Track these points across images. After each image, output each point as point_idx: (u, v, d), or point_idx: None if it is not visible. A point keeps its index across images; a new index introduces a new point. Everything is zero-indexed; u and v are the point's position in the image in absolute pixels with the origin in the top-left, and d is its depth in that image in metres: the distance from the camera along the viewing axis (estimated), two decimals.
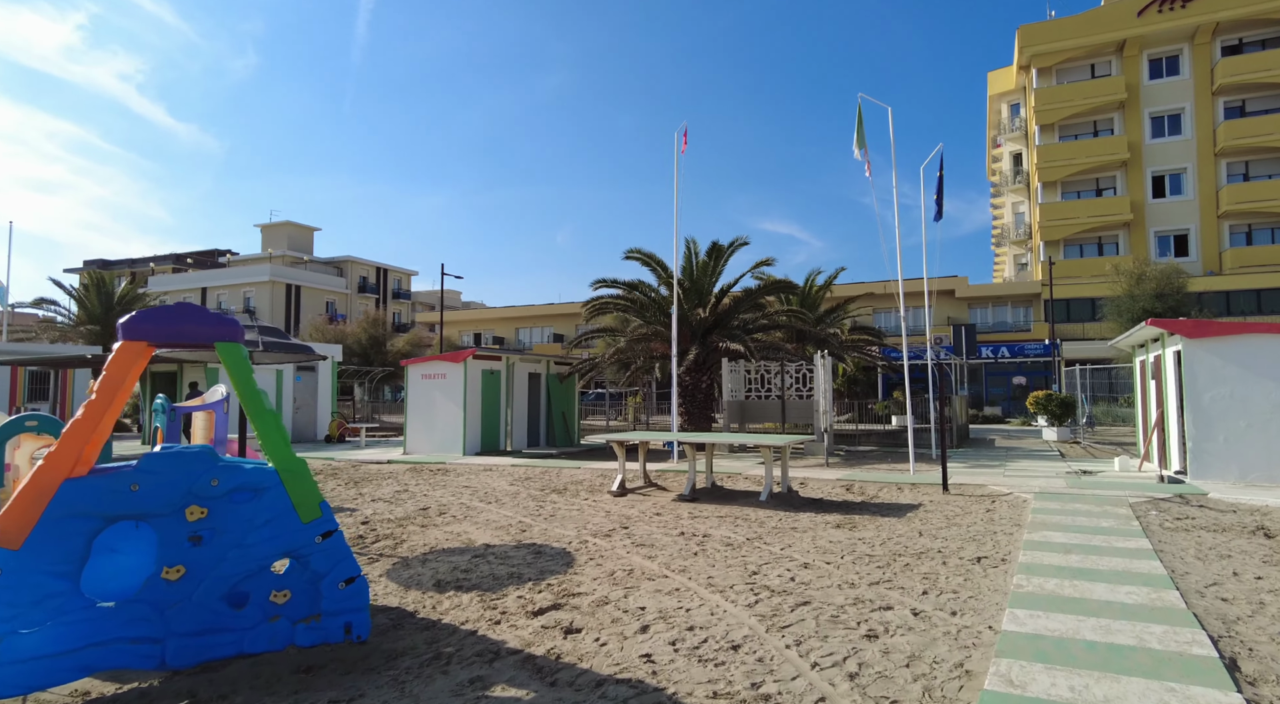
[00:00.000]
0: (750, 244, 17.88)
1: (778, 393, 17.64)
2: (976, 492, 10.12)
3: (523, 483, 11.80)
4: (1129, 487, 10.06)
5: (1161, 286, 24.67)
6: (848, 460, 14.93)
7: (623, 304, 17.95)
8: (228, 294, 63.54)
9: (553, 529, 7.69)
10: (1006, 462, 14.26)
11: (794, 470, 12.87)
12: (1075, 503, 8.87)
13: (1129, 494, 9.35)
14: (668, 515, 8.49)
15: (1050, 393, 20.67)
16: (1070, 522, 7.72)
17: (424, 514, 8.77)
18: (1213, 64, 38.60)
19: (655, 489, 10.77)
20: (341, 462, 15.53)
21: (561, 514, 8.67)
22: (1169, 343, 11.27)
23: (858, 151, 12.61)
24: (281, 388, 21.39)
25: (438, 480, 12.24)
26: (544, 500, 9.81)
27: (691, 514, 8.55)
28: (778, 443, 9.09)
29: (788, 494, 9.81)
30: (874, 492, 10.46)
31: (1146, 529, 7.30)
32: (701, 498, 9.77)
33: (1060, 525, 7.52)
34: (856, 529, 7.57)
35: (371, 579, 5.82)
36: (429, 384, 16.38)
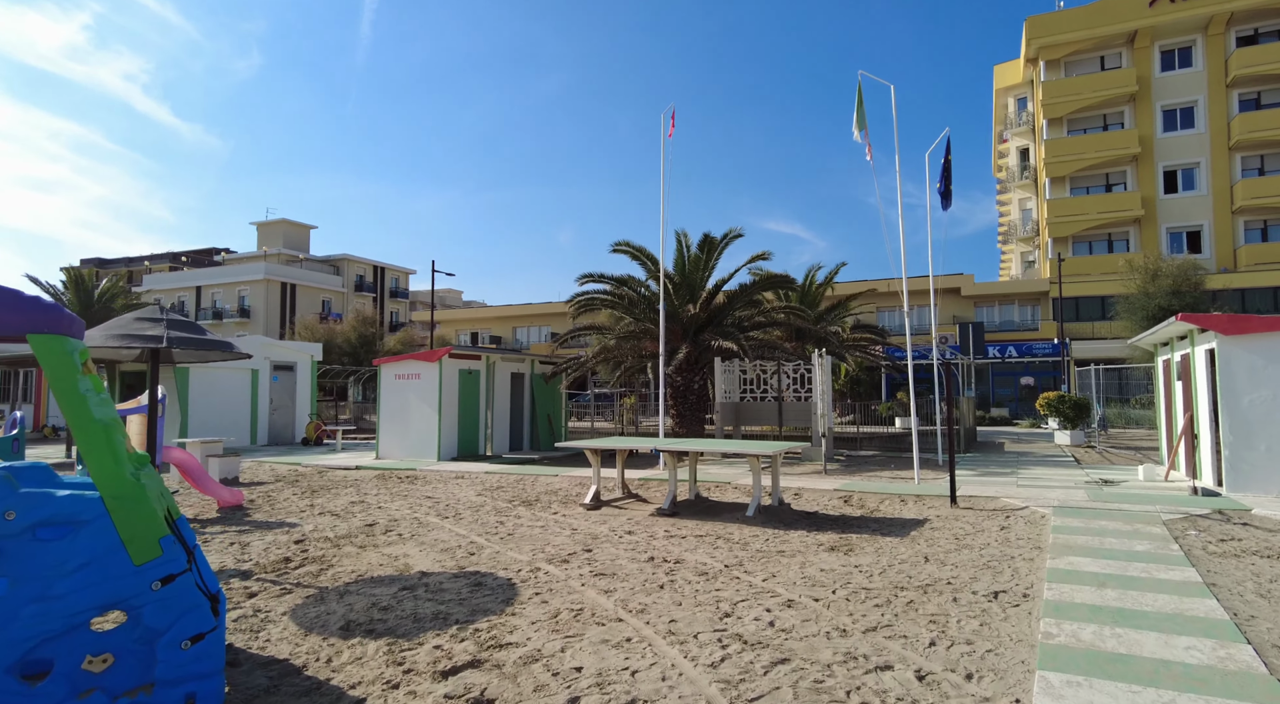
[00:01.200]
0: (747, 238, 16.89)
1: (774, 394, 16.66)
2: (988, 505, 9.13)
3: (492, 493, 10.85)
4: (1158, 500, 9.06)
5: (1178, 283, 23.60)
6: (848, 467, 13.95)
7: (610, 301, 16.97)
8: (222, 293, 62.75)
9: (505, 553, 6.73)
10: (1018, 468, 13.26)
11: (789, 479, 11.89)
12: (1101, 519, 7.88)
13: (1161, 509, 8.35)
14: (640, 534, 7.52)
15: (1063, 394, 19.64)
16: (1099, 544, 6.73)
17: (368, 532, 7.82)
18: (1227, 55, 37.47)
19: (634, 501, 9.81)
20: (308, 467, 14.61)
21: (522, 532, 7.71)
22: (1199, 340, 10.27)
23: (857, 133, 11.64)
24: (257, 388, 20.49)
25: (401, 490, 11.30)
26: (508, 515, 8.85)
27: (668, 533, 7.59)
28: (765, 451, 8.12)
29: (778, 508, 8.84)
30: (874, 504, 9.48)
31: (1189, 554, 6.31)
32: (683, 512, 8.81)
33: (1087, 549, 6.53)
34: (853, 552, 6.59)
35: (273, 618, 4.87)
36: (402, 385, 15.43)
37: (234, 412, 19.94)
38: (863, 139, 11.64)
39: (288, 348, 21.94)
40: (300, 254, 66.98)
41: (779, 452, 8.68)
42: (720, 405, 16.14)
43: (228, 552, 6.94)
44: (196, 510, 9.58)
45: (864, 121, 11.59)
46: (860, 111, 11.57)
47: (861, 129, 11.58)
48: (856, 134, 11.62)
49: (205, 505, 9.97)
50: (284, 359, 21.41)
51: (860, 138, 11.66)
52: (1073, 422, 19.04)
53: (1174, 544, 6.68)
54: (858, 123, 11.59)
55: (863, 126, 11.57)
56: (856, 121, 11.58)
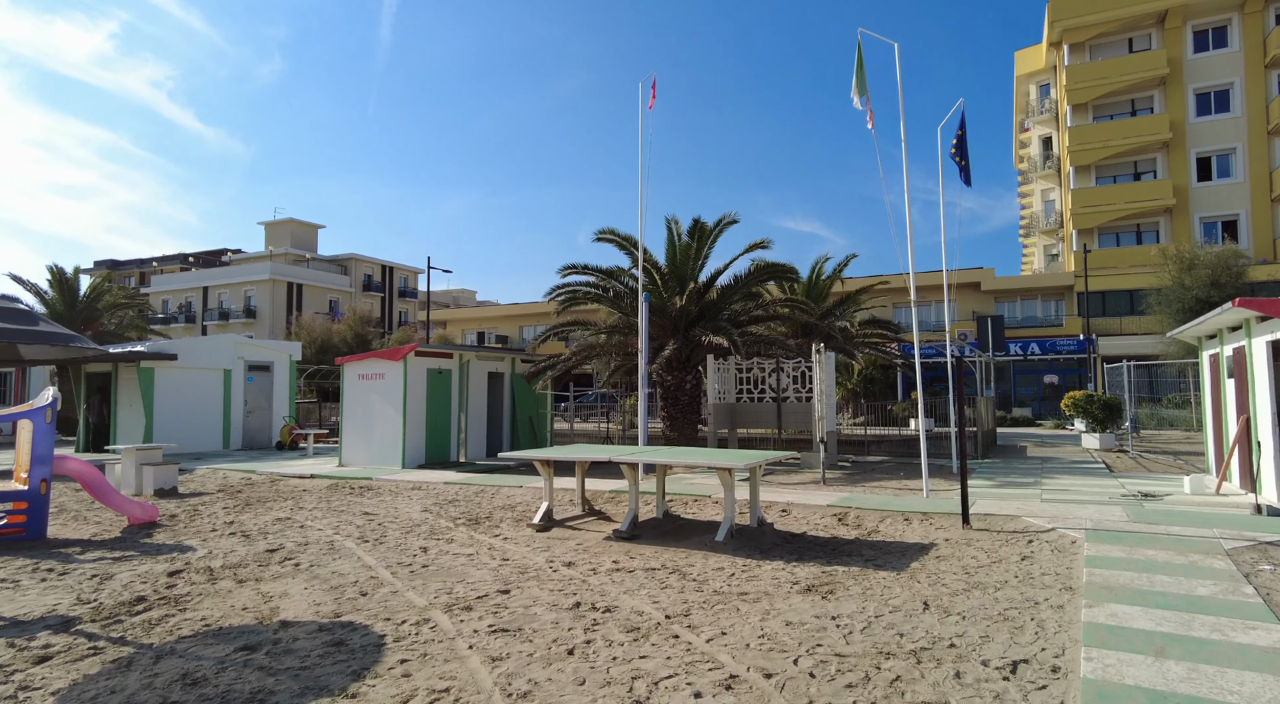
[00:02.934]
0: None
1: (774, 394, 15.28)
2: (1007, 525, 7.72)
3: (441, 508, 9.60)
4: (1215, 521, 7.60)
5: (1217, 273, 21.85)
6: (852, 475, 12.56)
7: (595, 293, 15.68)
8: (229, 293, 62.32)
9: (403, 594, 5.46)
10: (1042, 478, 11.79)
11: (781, 491, 10.53)
12: (1147, 548, 6.45)
13: (1220, 535, 6.90)
14: (582, 566, 6.22)
15: (1091, 393, 18.05)
16: (1147, 584, 5.33)
17: (263, 560, 6.59)
18: (1265, 34, 35.40)
19: (595, 519, 8.51)
20: (263, 475, 13.46)
21: (442, 563, 6.44)
22: (1258, 330, 8.77)
23: (857, 99, 10.25)
24: (230, 389, 19.45)
25: (342, 504, 10.08)
26: (441, 538, 7.59)
27: (615, 565, 6.28)
28: (738, 464, 6.78)
29: (758, 529, 7.50)
30: (873, 523, 8.10)
31: (1270, 602, 4.89)
32: (645, 535, 7.49)
33: (1133, 592, 5.13)
34: (835, 595, 5.25)
35: (36, 700, 3.64)
36: (366, 386, 14.25)
37: (204, 415, 18.91)
38: (863, 105, 10.24)
39: (264, 347, 20.90)
40: (307, 254, 66.40)
41: (757, 463, 7.34)
42: (714, 406, 14.80)
43: (78, 587, 5.74)
44: (97, 529, 8.42)
45: (864, 86, 10.20)
46: (860, 74, 10.19)
47: (861, 94, 10.19)
48: (856, 100, 10.23)
49: (115, 523, 8.82)
50: (260, 359, 20.35)
51: (860, 104, 10.27)
52: (1102, 424, 17.45)
53: (1246, 585, 5.26)
54: (857, 87, 10.21)
55: (863, 91, 10.18)
56: (856, 85, 10.20)
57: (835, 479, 11.92)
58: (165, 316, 64.62)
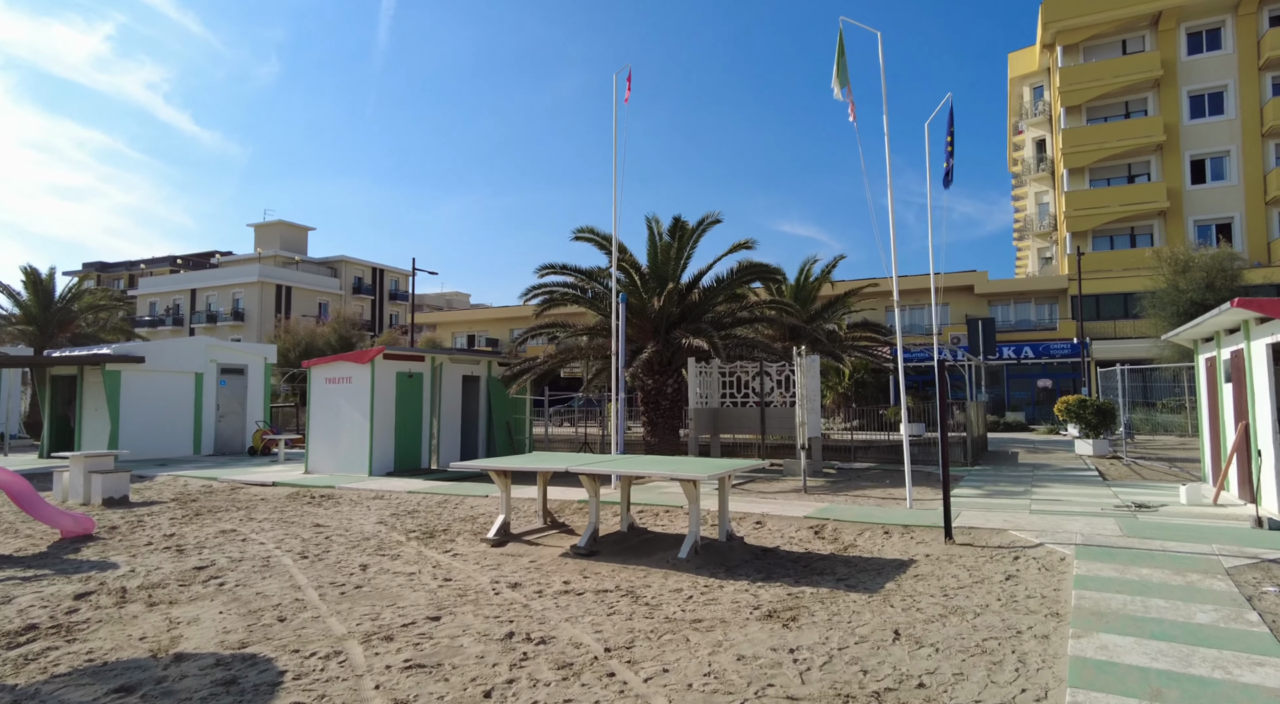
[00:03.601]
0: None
1: (757, 399, 14.80)
2: (992, 539, 7.24)
3: (398, 519, 9.09)
4: (1213, 535, 7.13)
5: (1212, 276, 21.44)
6: (835, 483, 12.08)
7: (573, 295, 15.18)
8: (217, 295, 61.66)
9: (324, 620, 4.95)
10: (1033, 486, 11.33)
11: (760, 501, 10.04)
12: (1141, 566, 5.97)
13: (1219, 551, 6.43)
14: (528, 588, 5.72)
15: (1084, 398, 17.61)
16: (1141, 609, 4.85)
17: (183, 580, 6.07)
18: (1259, 36, 35.13)
19: (556, 533, 8.00)
20: (223, 483, 12.93)
21: (378, 583, 5.93)
22: (1257, 332, 8.33)
23: (838, 89, 9.79)
24: (201, 393, 18.89)
25: (295, 515, 9.56)
26: (387, 553, 7.09)
27: (565, 586, 5.78)
28: (702, 474, 6.28)
29: (726, 544, 7.00)
30: (851, 537, 7.62)
31: (1276, 631, 4.41)
32: (606, 550, 6.99)
33: (1126, 619, 4.65)
34: (797, 622, 4.75)
35: None
36: (333, 389, 13.72)
37: (174, 419, 18.35)
38: (844, 96, 9.79)
39: (238, 350, 20.35)
40: (296, 256, 65.77)
41: (725, 473, 6.84)
42: (695, 411, 14.31)
43: None
44: (25, 543, 7.89)
45: (845, 76, 9.74)
46: (841, 63, 9.73)
47: (843, 85, 9.73)
48: (837, 90, 9.77)
49: (47, 536, 8.28)
50: (233, 362, 19.80)
51: (841, 95, 9.81)
52: (1095, 429, 17.01)
53: (1249, 610, 4.78)
54: (838, 77, 9.75)
55: (844, 82, 9.72)
56: (836, 75, 9.74)
57: (817, 488, 11.44)
58: (153, 319, 63.98)
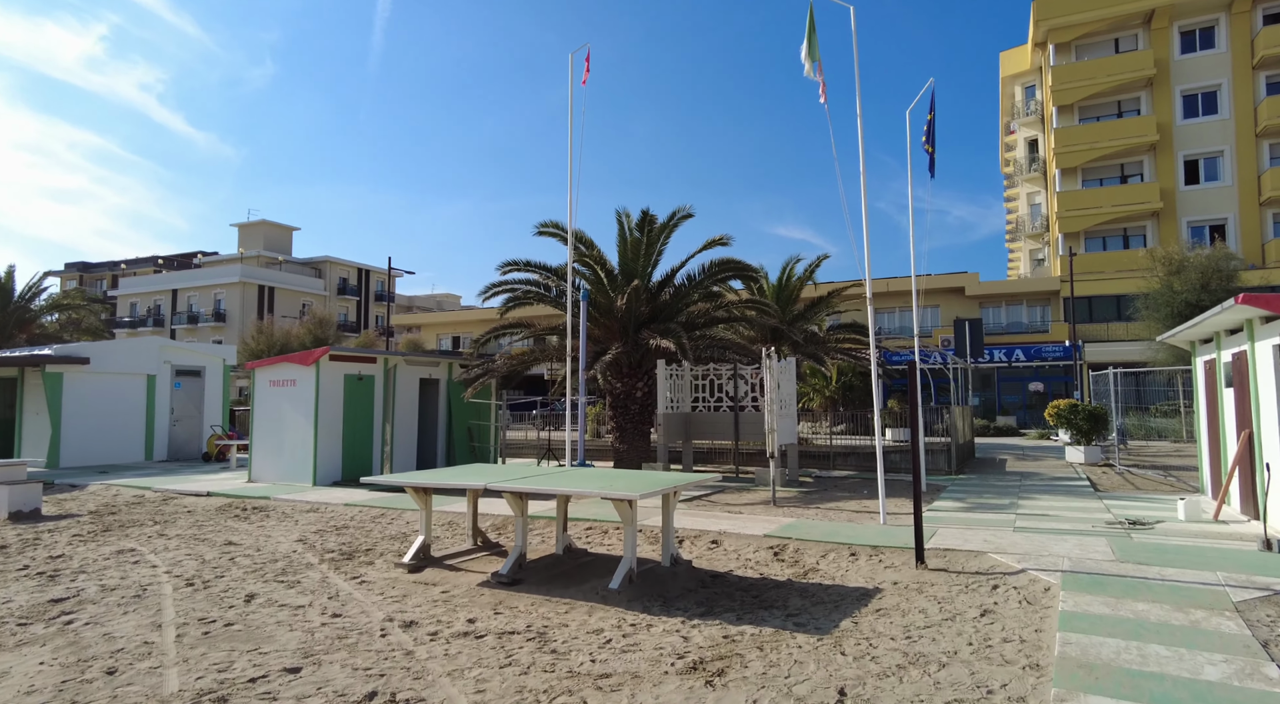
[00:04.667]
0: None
1: (730, 403, 14.01)
2: (969, 563, 6.45)
3: (323, 536, 8.26)
4: (1216, 559, 6.36)
5: (1208, 276, 20.77)
6: (809, 494, 11.29)
7: (537, 293, 14.36)
8: (198, 296, 60.62)
9: (161, 673, 4.13)
10: (1019, 498, 10.55)
11: (721, 516, 9.23)
12: (1137, 599, 5.19)
13: (1224, 580, 5.65)
14: (424, 628, 4.90)
15: (1075, 402, 16.87)
16: (1139, 660, 4.06)
17: (25, 617, 5.24)
18: (1253, 35, 34.58)
19: (488, 556, 7.18)
20: (156, 492, 12.06)
21: (253, 621, 5.10)
22: (1262, 332, 7.58)
23: (808, 66, 9.02)
24: (154, 397, 17.99)
25: (215, 530, 8.72)
26: (286, 580, 6.26)
27: (469, 625, 4.97)
28: (635, 493, 5.47)
29: (668, 570, 6.19)
30: (814, 559, 6.83)
31: None
32: (533, 578, 6.18)
33: (1120, 673, 3.86)
34: (724, 678, 3.95)
35: None
36: (277, 393, 12.87)
37: (124, 424, 17.45)
38: (815, 74, 9.02)
39: (193, 351, 19.46)
40: (280, 256, 64.77)
41: (669, 490, 6.05)
42: (664, 416, 13.50)
43: None
44: None
45: (816, 52, 8.98)
46: (811, 39, 8.96)
47: (813, 60, 8.97)
48: (808, 67, 9.01)
49: None
50: (189, 363, 18.91)
51: (812, 73, 9.04)
52: (1087, 435, 16.26)
53: (1267, 662, 4.00)
54: (808, 53, 8.98)
55: (814, 58, 8.96)
56: (807, 51, 8.97)
57: (789, 499, 10.64)
58: (133, 320, 62.90)
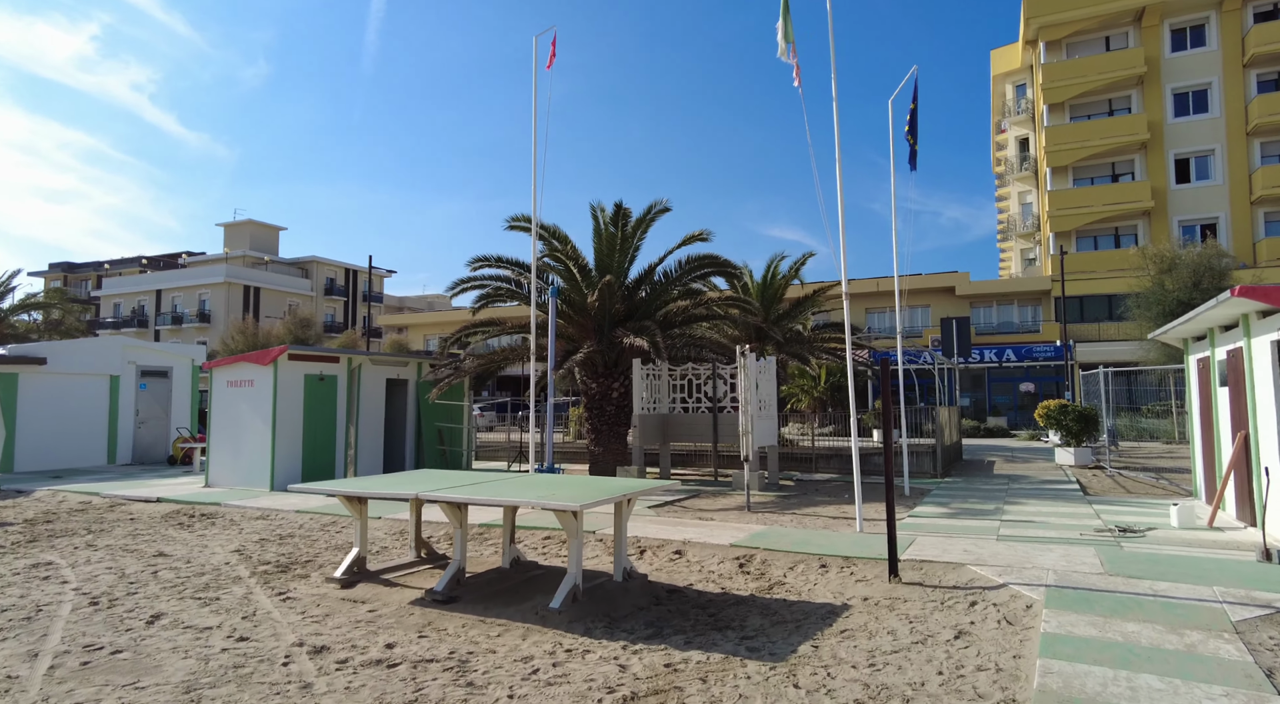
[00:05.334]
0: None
1: (708, 405, 13.53)
2: (947, 576, 5.98)
3: (263, 546, 7.74)
4: (1212, 571, 5.90)
5: (1199, 274, 20.40)
6: (787, 498, 10.80)
7: (508, 289, 13.84)
8: (183, 296, 59.82)
9: None
10: (1006, 502, 10.09)
11: (689, 524, 8.74)
12: (1126, 619, 4.72)
13: (1221, 595, 5.18)
14: (336, 654, 4.39)
15: (1065, 403, 16.46)
16: (1128, 692, 3.58)
17: None
18: (1244, 32, 34.34)
19: (430, 569, 6.66)
20: (104, 498, 11.49)
21: (144, 648, 4.58)
22: (1258, 328, 7.14)
23: (783, 46, 8.55)
24: (117, 398, 17.39)
25: (150, 539, 8.17)
26: (202, 597, 5.74)
27: (386, 650, 4.46)
28: (575, 504, 4.97)
29: (620, 586, 5.69)
30: (781, 571, 6.34)
31: None
32: (472, 595, 5.67)
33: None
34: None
35: None
36: (234, 394, 12.33)
37: (85, 426, 16.85)
38: (789, 56, 8.55)
39: (160, 351, 18.87)
40: (266, 256, 64.02)
41: (622, 497, 5.56)
42: (639, 418, 13.00)
43: None
44: None
45: (790, 33, 8.51)
46: (786, 20, 8.49)
47: (789, 42, 8.50)
48: (782, 47, 8.54)
49: None
50: (155, 364, 18.31)
51: (788, 55, 8.58)
52: (1077, 436, 15.84)
53: (1275, 696, 3.52)
54: (784, 34, 8.51)
55: (789, 38, 8.49)
56: (782, 31, 8.50)
57: (764, 504, 10.16)
58: (116, 321, 62.04)
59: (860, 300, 37.50)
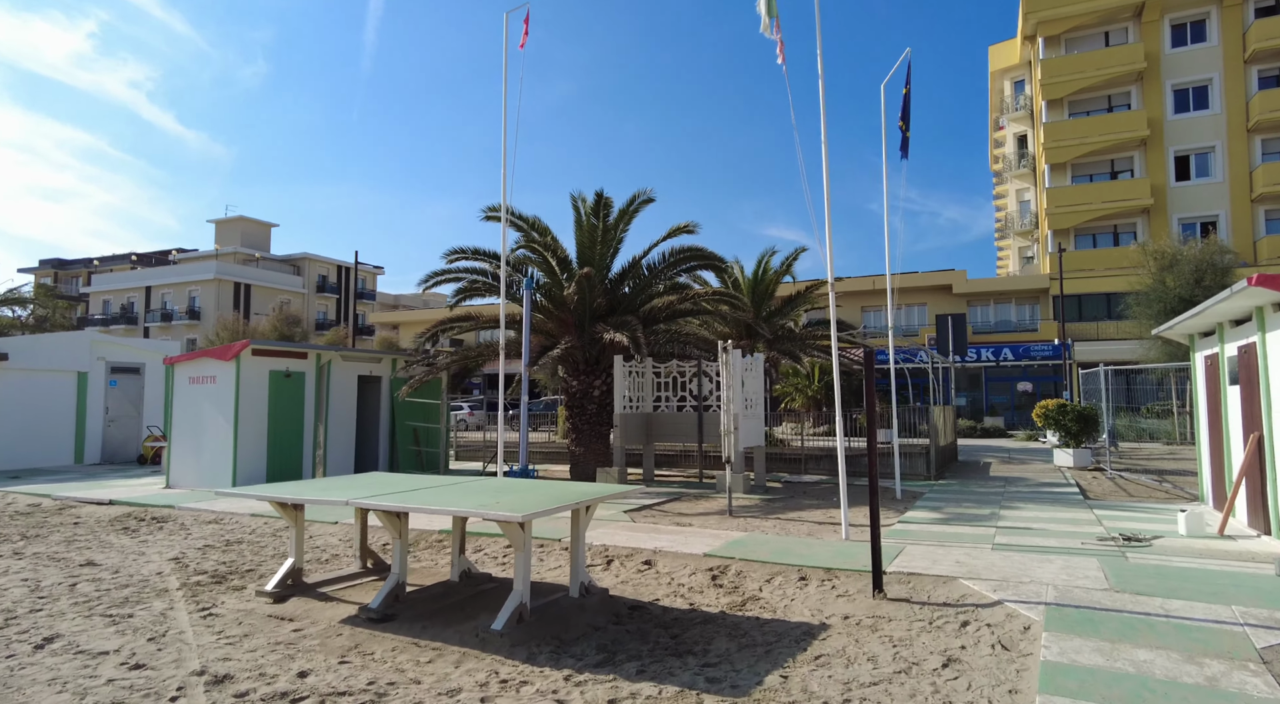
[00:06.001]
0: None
1: (693, 403, 13.00)
2: (936, 592, 5.45)
3: (205, 554, 7.19)
4: (1229, 587, 5.38)
5: (1202, 271, 19.90)
6: (774, 501, 10.27)
7: (485, 284, 13.29)
8: (172, 293, 59.16)
9: None
10: (1001, 507, 9.57)
11: (666, 530, 8.20)
12: (1137, 643, 4.19)
13: (1241, 616, 4.66)
14: (238, 683, 3.85)
15: (1064, 402, 15.94)
16: None
17: None
18: (1245, 28, 33.85)
19: (375, 581, 6.12)
20: (58, 500, 10.93)
21: (21, 678, 4.03)
22: (1274, 322, 6.61)
23: (765, 21, 8.01)
24: (85, 395, 16.83)
25: (87, 545, 7.62)
26: (116, 614, 5.19)
27: (298, 679, 3.92)
28: (513, 514, 4.42)
29: (575, 602, 5.15)
30: (756, 584, 5.81)
31: None
32: (412, 611, 5.13)
33: None
34: None
35: None
36: (196, 391, 11.77)
37: (50, 424, 16.29)
38: (772, 31, 8.02)
39: (131, 347, 18.31)
40: (257, 253, 63.36)
41: (579, 505, 5.02)
42: (621, 417, 12.45)
43: None
44: None
45: (774, 7, 7.97)
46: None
47: (772, 17, 7.96)
48: (765, 22, 8.00)
49: None
50: (126, 360, 17.75)
51: (770, 31, 8.04)
52: (1076, 437, 15.33)
53: None
54: (767, 9, 7.97)
55: (773, 13, 7.95)
56: (765, 5, 7.96)
57: (747, 508, 9.63)
58: (105, 318, 61.34)
59: (856, 298, 36.99)
